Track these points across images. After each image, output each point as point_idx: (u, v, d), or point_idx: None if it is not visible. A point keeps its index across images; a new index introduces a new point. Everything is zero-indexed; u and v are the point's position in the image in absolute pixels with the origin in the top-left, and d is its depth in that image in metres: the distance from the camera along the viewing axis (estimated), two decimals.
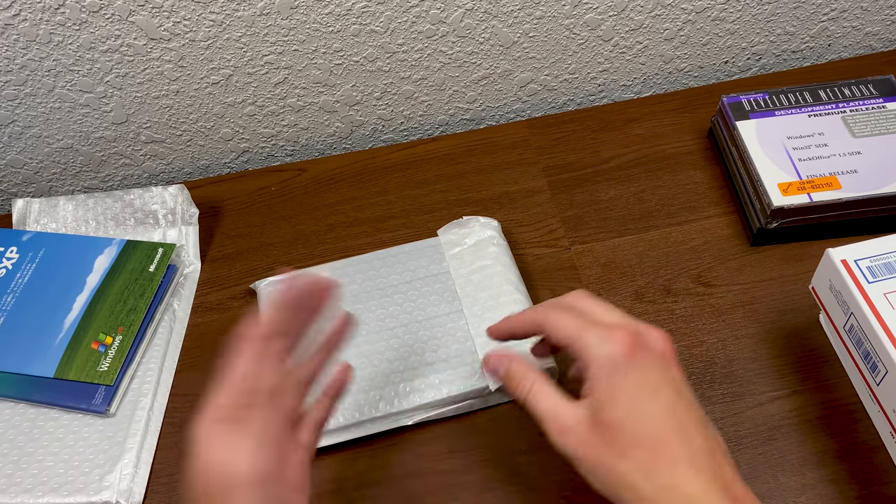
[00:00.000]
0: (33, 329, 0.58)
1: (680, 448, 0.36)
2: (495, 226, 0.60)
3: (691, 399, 0.38)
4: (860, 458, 0.48)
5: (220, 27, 0.64)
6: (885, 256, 0.47)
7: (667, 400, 0.37)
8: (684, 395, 0.38)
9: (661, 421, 0.36)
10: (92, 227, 0.65)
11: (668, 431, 0.36)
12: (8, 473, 0.52)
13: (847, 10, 0.72)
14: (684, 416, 0.37)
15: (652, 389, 0.37)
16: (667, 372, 0.38)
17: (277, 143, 0.76)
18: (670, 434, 0.36)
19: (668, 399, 0.37)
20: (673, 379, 0.38)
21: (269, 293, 0.59)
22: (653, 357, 0.38)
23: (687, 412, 0.37)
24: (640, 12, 0.69)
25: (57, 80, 0.66)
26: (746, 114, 0.62)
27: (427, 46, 0.68)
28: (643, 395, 0.37)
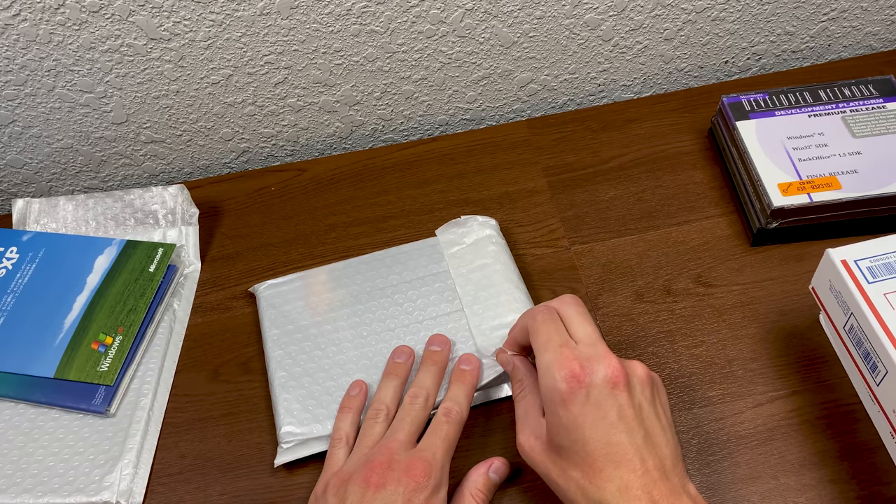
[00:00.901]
0: (33, 329, 0.58)
1: (612, 471, 0.40)
2: (493, 224, 0.60)
3: (635, 424, 0.41)
4: (860, 458, 0.48)
5: (220, 27, 0.64)
6: (885, 256, 0.47)
7: (604, 427, 0.40)
8: (627, 419, 0.41)
9: (596, 448, 0.40)
10: (92, 227, 0.65)
11: (600, 457, 0.40)
12: (8, 473, 0.52)
13: (847, 10, 0.72)
14: (621, 441, 0.40)
15: (591, 419, 0.41)
16: (609, 400, 0.41)
17: (277, 143, 0.76)
18: (603, 460, 0.40)
19: (605, 426, 0.40)
20: (616, 405, 0.41)
21: (270, 296, 0.59)
22: (596, 387, 0.41)
23: (626, 436, 0.40)
24: (640, 12, 0.69)
25: (57, 80, 0.66)
26: (746, 114, 0.62)
27: (427, 46, 0.68)
28: (582, 425, 0.41)
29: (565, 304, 0.46)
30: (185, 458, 0.53)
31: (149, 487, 0.52)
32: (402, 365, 0.52)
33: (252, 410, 0.55)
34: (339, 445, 0.48)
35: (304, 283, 0.59)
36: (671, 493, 0.39)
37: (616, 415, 0.41)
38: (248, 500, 0.51)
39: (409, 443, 0.46)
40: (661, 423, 0.42)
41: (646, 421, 0.41)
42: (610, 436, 0.40)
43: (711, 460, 0.49)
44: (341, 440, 0.49)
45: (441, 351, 0.52)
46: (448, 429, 0.46)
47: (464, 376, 0.50)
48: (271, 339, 0.56)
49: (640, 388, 0.43)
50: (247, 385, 0.56)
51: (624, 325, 0.56)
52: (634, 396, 0.42)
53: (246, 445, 0.53)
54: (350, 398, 0.51)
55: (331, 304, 0.57)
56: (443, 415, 0.47)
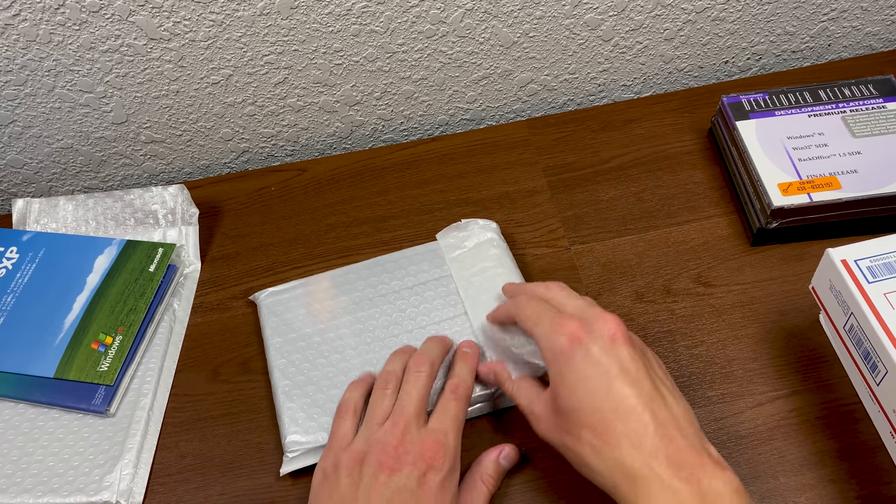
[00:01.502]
0: (33, 329, 0.58)
1: (622, 426, 0.39)
2: (494, 228, 0.60)
3: (641, 374, 0.40)
4: (860, 458, 0.48)
5: (220, 27, 0.64)
6: (885, 256, 0.47)
7: (608, 381, 0.40)
8: (630, 372, 0.40)
9: (602, 402, 0.40)
10: (92, 227, 0.65)
11: (608, 412, 0.39)
12: (8, 473, 0.52)
13: (847, 10, 0.72)
14: (628, 394, 0.39)
15: (594, 374, 0.40)
16: (611, 354, 0.41)
17: (277, 143, 0.76)
18: (611, 414, 0.39)
19: (609, 380, 0.40)
20: (618, 359, 0.40)
21: (271, 304, 0.58)
22: (597, 342, 0.41)
23: (632, 389, 0.40)
24: (640, 12, 0.69)
25: (57, 80, 0.66)
26: (746, 114, 0.62)
27: (427, 46, 0.68)
28: (586, 381, 0.40)
29: (550, 290, 0.47)
30: (185, 458, 0.53)
31: (149, 487, 0.52)
32: (409, 348, 0.52)
33: (252, 410, 0.55)
34: (347, 416, 0.48)
35: (305, 290, 0.59)
36: (690, 449, 0.38)
37: (618, 368, 0.40)
38: (248, 500, 0.51)
39: (419, 417, 0.45)
40: (666, 385, 0.41)
41: (651, 376, 0.41)
42: (614, 389, 0.40)
43: None
44: (349, 410, 0.48)
45: (444, 338, 0.53)
46: (456, 406, 0.47)
47: (466, 356, 0.51)
48: (274, 347, 0.56)
49: (639, 347, 0.43)
50: (247, 385, 0.56)
51: None
52: (636, 353, 0.41)
53: (246, 445, 0.53)
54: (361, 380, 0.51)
55: (333, 311, 0.57)
56: (450, 392, 0.47)
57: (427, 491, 0.42)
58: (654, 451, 0.38)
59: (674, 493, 0.37)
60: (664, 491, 0.37)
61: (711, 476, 0.37)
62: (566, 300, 0.46)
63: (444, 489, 0.43)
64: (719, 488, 0.37)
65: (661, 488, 0.37)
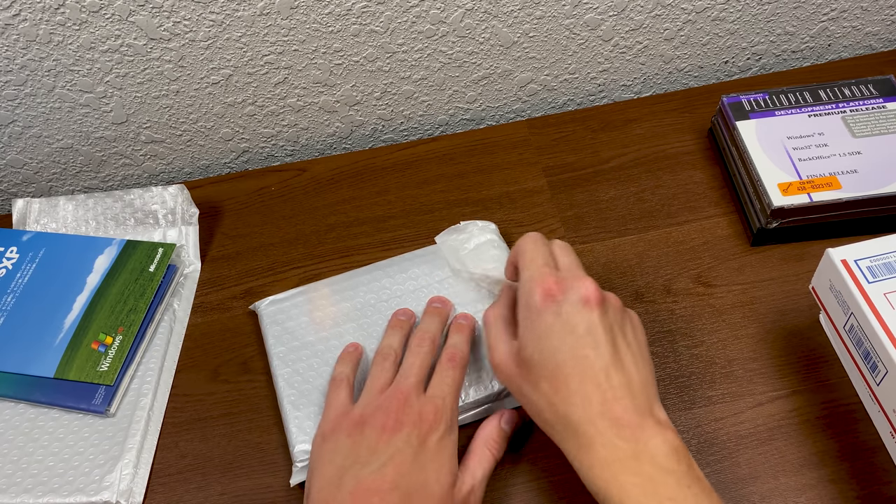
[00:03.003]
0: (33, 329, 0.58)
1: (575, 384, 0.41)
2: (493, 229, 0.60)
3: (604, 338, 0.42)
4: (860, 458, 0.48)
5: (220, 27, 0.64)
6: (885, 256, 0.47)
7: (572, 341, 0.42)
8: (594, 335, 0.42)
9: (562, 359, 0.42)
10: (92, 227, 0.65)
11: (566, 369, 0.42)
12: (8, 473, 0.52)
13: (847, 10, 0.72)
14: (587, 355, 0.42)
15: (560, 331, 0.42)
16: (579, 315, 0.42)
17: (277, 143, 0.76)
18: (569, 371, 0.41)
19: (573, 340, 0.42)
20: (585, 321, 0.42)
21: (272, 313, 0.57)
22: (569, 302, 0.43)
23: (592, 351, 0.42)
24: (640, 12, 0.69)
25: (57, 80, 0.66)
26: (746, 114, 0.62)
27: (427, 46, 0.68)
28: (551, 336, 0.42)
29: (556, 241, 0.49)
30: (185, 458, 0.53)
31: (149, 487, 0.52)
32: (405, 321, 0.54)
33: (252, 410, 0.55)
34: (342, 387, 0.49)
35: (305, 297, 0.58)
36: (635, 412, 0.40)
37: (585, 329, 0.42)
38: (248, 500, 0.51)
39: (419, 385, 0.47)
40: (632, 350, 0.43)
41: (615, 341, 0.43)
42: (577, 349, 0.42)
43: (711, 460, 0.49)
44: (342, 382, 0.50)
45: (442, 307, 0.54)
46: (453, 373, 0.48)
47: (461, 327, 0.53)
48: (277, 356, 0.55)
49: (613, 313, 0.44)
50: (247, 385, 0.56)
51: None
52: (606, 317, 0.43)
53: (246, 445, 0.53)
54: (347, 353, 0.53)
55: (335, 318, 0.56)
56: (447, 360, 0.49)
57: (426, 450, 0.44)
58: (601, 410, 0.40)
59: (612, 450, 0.40)
60: (603, 447, 0.40)
61: (650, 436, 0.40)
62: (562, 256, 0.47)
63: (442, 448, 0.45)
64: (657, 446, 0.40)
65: (601, 444, 0.40)
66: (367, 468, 0.43)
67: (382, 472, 0.43)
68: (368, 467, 0.43)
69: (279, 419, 0.54)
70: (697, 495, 0.39)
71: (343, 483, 0.43)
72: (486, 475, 0.47)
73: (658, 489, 0.39)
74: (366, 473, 0.43)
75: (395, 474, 0.43)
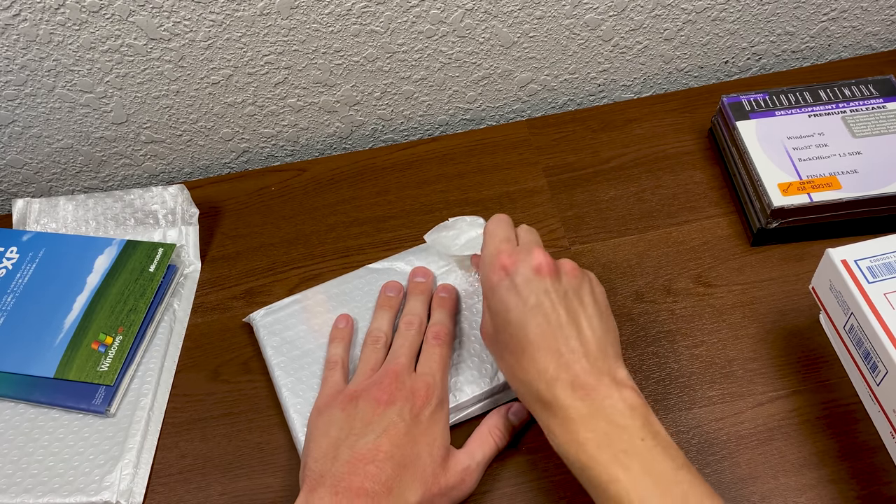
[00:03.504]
0: (33, 329, 0.58)
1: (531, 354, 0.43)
2: (482, 223, 0.59)
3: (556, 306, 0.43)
4: (860, 458, 0.48)
5: (220, 27, 0.64)
6: (885, 256, 0.47)
7: (524, 312, 0.43)
8: (545, 304, 0.43)
9: (517, 332, 0.44)
10: (92, 227, 0.65)
11: (521, 340, 0.43)
12: (8, 473, 0.52)
13: (847, 10, 0.72)
14: (539, 324, 0.43)
15: (514, 304, 0.44)
16: (531, 286, 0.44)
17: (277, 143, 0.76)
18: (524, 343, 0.43)
19: (525, 311, 0.43)
20: (536, 291, 0.44)
21: (269, 323, 0.57)
22: (520, 274, 0.44)
23: (544, 319, 0.43)
24: (640, 12, 0.69)
25: (57, 80, 0.66)
26: (746, 114, 0.62)
27: (427, 46, 0.68)
28: (507, 310, 0.44)
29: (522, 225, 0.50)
30: (185, 458, 0.53)
31: (149, 487, 0.52)
32: (395, 298, 0.56)
33: (252, 410, 0.55)
34: (336, 368, 0.52)
35: (301, 306, 0.58)
36: (592, 373, 0.42)
37: (536, 299, 0.44)
38: (248, 500, 0.51)
39: (409, 365, 0.49)
40: (587, 313, 0.44)
41: (570, 306, 0.44)
42: (529, 318, 0.43)
43: (711, 460, 0.49)
44: (337, 363, 0.52)
45: (425, 281, 0.56)
46: (440, 350, 0.50)
47: (444, 302, 0.55)
48: (279, 366, 0.55)
49: (568, 279, 0.45)
50: (247, 385, 0.56)
51: (624, 325, 0.56)
52: (560, 284, 0.44)
53: (246, 445, 0.53)
54: (338, 330, 0.55)
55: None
56: (433, 338, 0.51)
57: (419, 424, 0.46)
58: (557, 377, 0.42)
59: (570, 410, 0.41)
60: (562, 409, 0.41)
61: (606, 395, 0.41)
62: (523, 234, 0.49)
63: (434, 422, 0.47)
64: (613, 404, 0.41)
65: (559, 407, 0.41)
66: (363, 439, 0.45)
67: (377, 442, 0.44)
68: (363, 438, 0.45)
69: (279, 419, 0.54)
70: (652, 448, 0.40)
71: (339, 453, 0.45)
72: (486, 459, 0.48)
73: (612, 443, 0.40)
74: (361, 444, 0.44)
75: (390, 445, 0.44)
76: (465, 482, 0.47)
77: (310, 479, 0.44)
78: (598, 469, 0.40)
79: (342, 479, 0.43)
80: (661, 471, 0.39)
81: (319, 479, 0.44)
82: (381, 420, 0.45)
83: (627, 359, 0.54)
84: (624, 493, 0.39)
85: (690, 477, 0.40)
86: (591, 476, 0.40)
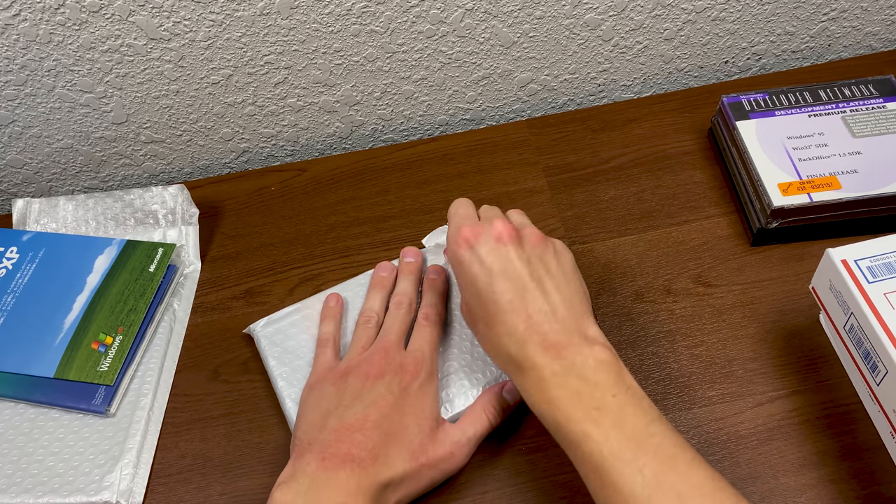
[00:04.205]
0: (33, 329, 0.58)
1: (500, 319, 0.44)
2: None
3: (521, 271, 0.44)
4: (860, 458, 0.48)
5: (220, 27, 0.64)
6: (885, 256, 0.47)
7: (490, 280, 0.44)
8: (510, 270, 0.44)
9: (486, 300, 0.44)
10: (92, 227, 0.65)
11: (490, 308, 0.44)
12: (8, 473, 0.52)
13: (847, 10, 0.72)
14: (505, 290, 0.44)
15: (479, 274, 0.45)
16: (494, 254, 0.45)
17: (277, 143, 0.76)
18: (493, 309, 0.44)
19: (491, 279, 0.44)
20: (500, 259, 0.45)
21: (270, 334, 0.57)
22: (484, 244, 0.45)
23: (510, 285, 0.44)
24: (640, 12, 0.69)
25: (57, 80, 0.66)
26: (746, 114, 0.62)
27: (427, 46, 0.68)
28: (474, 281, 0.45)
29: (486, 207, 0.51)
30: (185, 458, 0.53)
31: (149, 487, 0.52)
32: (387, 278, 0.56)
33: (252, 410, 0.55)
34: (327, 346, 0.53)
35: (302, 315, 0.57)
36: (561, 332, 0.42)
37: (500, 266, 0.45)
38: (248, 500, 0.51)
39: (399, 343, 0.50)
40: (553, 276, 0.45)
41: (534, 271, 0.45)
42: (495, 284, 0.44)
43: (712, 460, 0.49)
44: (328, 342, 0.53)
45: (414, 262, 0.57)
46: (430, 330, 0.51)
47: (434, 284, 0.55)
48: (281, 377, 0.54)
49: (531, 246, 0.46)
50: (247, 385, 0.56)
51: (624, 325, 0.56)
52: (522, 250, 0.46)
53: (246, 445, 0.53)
54: (329, 308, 0.56)
55: None
56: (423, 319, 0.52)
57: (408, 396, 0.47)
58: (527, 338, 0.42)
59: (541, 370, 0.42)
60: (534, 370, 0.42)
61: (576, 352, 0.42)
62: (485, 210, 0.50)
63: (423, 395, 0.48)
64: (584, 361, 0.42)
65: (531, 367, 0.42)
66: (350, 410, 0.46)
67: (365, 412, 0.46)
68: (351, 409, 0.46)
69: (279, 419, 0.54)
70: (624, 403, 0.40)
71: (327, 423, 0.46)
72: (478, 436, 0.49)
73: (583, 400, 0.40)
74: (349, 414, 0.46)
75: (378, 415, 0.46)
76: (455, 456, 0.47)
77: (298, 447, 0.46)
78: (571, 426, 0.40)
79: (329, 446, 0.44)
80: (633, 425, 0.40)
81: (308, 446, 0.45)
82: (370, 393, 0.47)
83: (627, 359, 0.54)
84: (596, 449, 0.39)
85: (664, 429, 0.40)
86: (565, 433, 0.41)
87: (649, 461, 0.38)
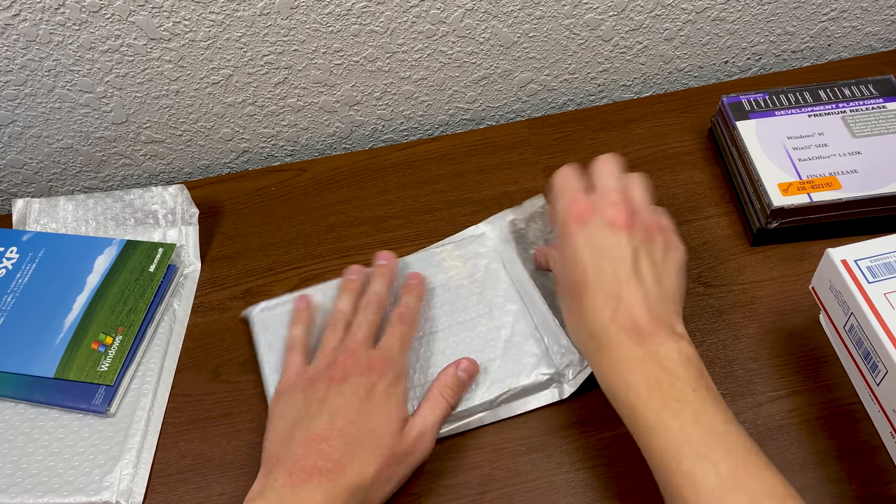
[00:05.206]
0: (33, 329, 0.58)
1: (593, 297, 0.44)
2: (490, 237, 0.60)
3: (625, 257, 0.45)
4: (860, 458, 0.48)
5: (220, 27, 0.64)
6: (885, 256, 0.47)
7: (595, 258, 0.45)
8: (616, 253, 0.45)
9: (584, 275, 0.45)
10: (92, 227, 0.65)
11: (587, 284, 0.45)
12: (8, 473, 0.52)
13: (847, 10, 0.72)
14: (606, 270, 0.45)
15: (585, 250, 0.46)
16: (604, 236, 0.46)
17: (277, 143, 0.76)
18: (590, 286, 0.45)
19: (596, 258, 0.45)
20: (609, 241, 0.45)
21: (264, 320, 0.57)
22: (597, 224, 0.46)
23: (611, 267, 0.45)
24: (640, 12, 0.69)
25: (57, 80, 0.66)
26: (746, 114, 0.62)
27: (427, 46, 0.68)
28: (578, 256, 0.46)
29: (597, 160, 0.51)
30: (185, 458, 0.53)
31: (149, 487, 0.52)
32: (356, 281, 0.56)
33: (252, 410, 0.55)
34: (296, 351, 0.52)
35: None
36: (650, 321, 0.43)
37: (607, 247, 0.45)
38: None
39: (366, 342, 0.50)
40: (656, 268, 0.45)
41: (637, 259, 0.45)
42: (597, 263, 0.45)
43: None
44: (297, 346, 0.53)
45: (387, 264, 0.56)
46: (401, 328, 0.51)
47: (412, 287, 0.55)
48: (268, 364, 0.55)
49: (643, 234, 0.46)
50: (247, 385, 0.56)
51: None
52: (633, 237, 0.46)
53: (246, 445, 0.53)
54: (298, 311, 0.56)
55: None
56: (396, 317, 0.52)
57: (374, 397, 0.47)
58: (615, 319, 0.43)
59: (621, 352, 0.43)
60: (613, 350, 0.43)
61: (662, 343, 0.42)
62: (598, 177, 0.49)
63: (390, 395, 0.48)
64: (668, 352, 0.42)
65: (611, 347, 0.43)
66: (316, 419, 0.46)
67: (331, 420, 0.46)
68: (317, 418, 0.46)
69: None
70: (703, 399, 0.41)
71: (293, 435, 0.46)
72: (439, 420, 0.49)
73: (664, 389, 0.41)
74: (315, 424, 0.45)
75: (343, 422, 0.46)
76: (419, 447, 0.48)
77: (267, 461, 0.46)
78: (648, 412, 0.41)
79: (297, 461, 0.44)
80: (711, 421, 0.40)
81: (276, 461, 0.45)
82: (336, 397, 0.47)
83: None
84: (672, 439, 0.39)
85: (739, 430, 0.40)
86: (638, 417, 0.41)
87: (724, 457, 0.39)
